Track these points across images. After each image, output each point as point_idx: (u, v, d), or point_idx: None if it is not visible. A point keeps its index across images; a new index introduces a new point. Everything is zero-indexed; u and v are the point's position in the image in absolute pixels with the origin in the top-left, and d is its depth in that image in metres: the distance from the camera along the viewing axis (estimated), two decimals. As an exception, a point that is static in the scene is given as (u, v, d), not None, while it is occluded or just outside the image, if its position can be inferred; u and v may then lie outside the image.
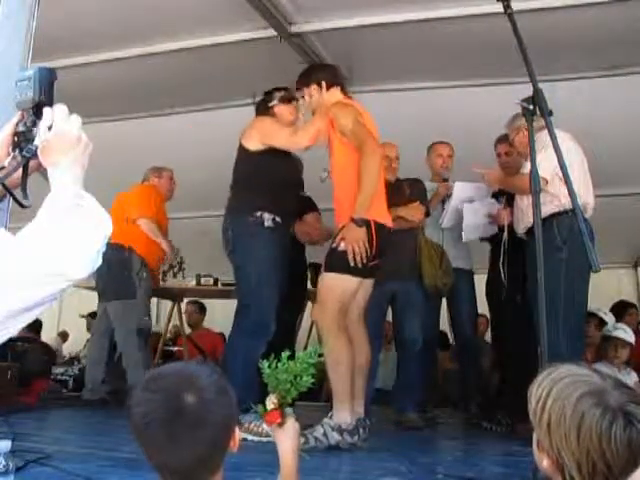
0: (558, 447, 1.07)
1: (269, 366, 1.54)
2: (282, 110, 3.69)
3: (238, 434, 1.20)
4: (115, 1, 3.89)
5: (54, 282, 1.09)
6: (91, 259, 1.11)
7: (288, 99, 3.71)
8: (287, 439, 1.51)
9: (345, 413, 3.02)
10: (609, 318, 4.68)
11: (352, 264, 3.02)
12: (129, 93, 4.99)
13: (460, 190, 4.20)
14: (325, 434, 2.98)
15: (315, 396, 4.98)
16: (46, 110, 1.17)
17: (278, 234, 3.46)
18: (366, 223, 3.05)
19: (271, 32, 4.13)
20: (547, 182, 3.21)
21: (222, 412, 1.14)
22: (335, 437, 2.98)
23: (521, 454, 2.81)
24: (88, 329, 7.16)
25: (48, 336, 7.91)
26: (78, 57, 4.44)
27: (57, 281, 1.09)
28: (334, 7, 4.00)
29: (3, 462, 2.17)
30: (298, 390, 1.53)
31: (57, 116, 1.17)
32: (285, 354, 1.55)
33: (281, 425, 1.51)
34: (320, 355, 1.58)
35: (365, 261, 3.03)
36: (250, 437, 3.02)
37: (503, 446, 3.46)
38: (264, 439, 2.91)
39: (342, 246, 3.05)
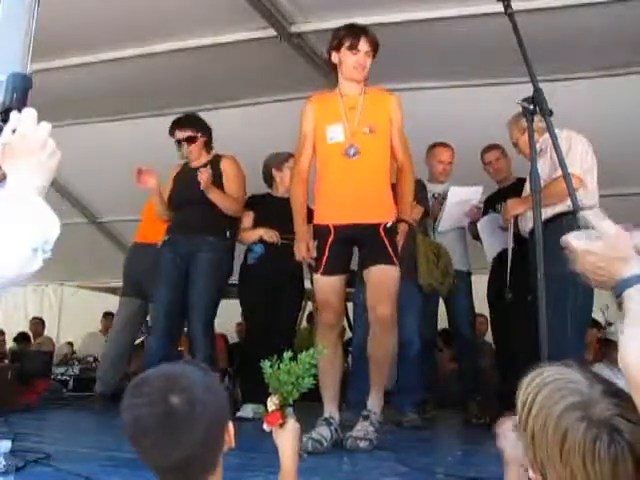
0: (542, 461, 1.02)
1: (271, 366, 1.53)
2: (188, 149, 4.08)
3: (232, 430, 1.20)
4: (115, 1, 3.89)
5: None
6: (22, 259, 1.02)
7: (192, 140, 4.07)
8: (288, 440, 1.50)
9: None
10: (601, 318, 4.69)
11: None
12: (129, 93, 4.99)
13: (454, 195, 4.21)
14: (376, 431, 3.03)
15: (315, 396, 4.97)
16: (13, 114, 1.12)
17: (164, 249, 4.03)
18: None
19: (271, 32, 4.13)
20: (581, 181, 3.17)
21: (210, 410, 1.14)
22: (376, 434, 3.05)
23: (521, 454, 2.81)
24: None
25: (49, 336, 7.93)
26: (78, 57, 4.44)
27: None
28: (334, 7, 4.00)
29: (3, 462, 2.17)
30: (299, 391, 1.53)
31: (24, 119, 1.12)
32: (287, 355, 1.54)
33: (282, 426, 1.51)
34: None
35: None
36: None
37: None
38: None
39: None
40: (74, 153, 6.18)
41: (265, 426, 1.52)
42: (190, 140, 4.04)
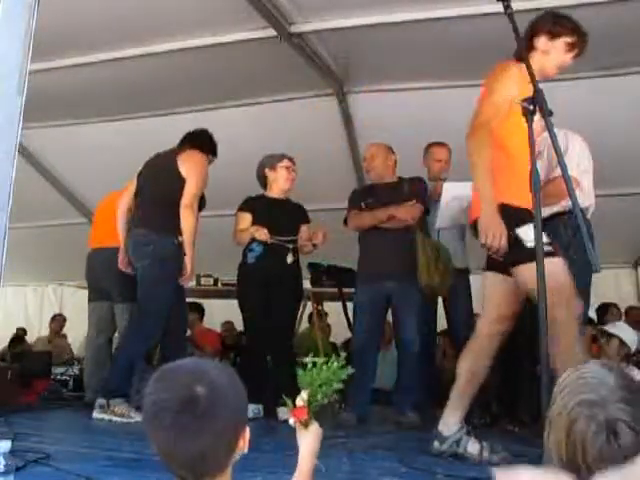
0: (553, 442, 1.10)
1: (304, 368, 1.55)
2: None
3: (248, 435, 1.21)
4: (115, 1, 3.89)
5: None
6: None
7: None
8: (309, 441, 1.52)
9: None
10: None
11: None
12: (129, 93, 4.99)
13: (448, 191, 4.20)
14: None
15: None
16: None
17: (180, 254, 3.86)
18: None
19: (271, 32, 4.13)
20: (578, 182, 3.16)
21: (231, 406, 1.16)
22: None
23: (521, 454, 2.81)
24: None
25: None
26: (78, 57, 4.44)
27: None
28: (334, 7, 4.00)
29: (3, 462, 2.17)
30: (327, 393, 1.54)
31: None
32: (320, 361, 1.55)
33: (306, 426, 1.51)
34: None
35: None
36: (115, 418, 3.64)
37: (502, 446, 3.45)
38: (131, 420, 3.57)
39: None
40: (74, 153, 6.20)
41: (291, 420, 1.53)
42: None
